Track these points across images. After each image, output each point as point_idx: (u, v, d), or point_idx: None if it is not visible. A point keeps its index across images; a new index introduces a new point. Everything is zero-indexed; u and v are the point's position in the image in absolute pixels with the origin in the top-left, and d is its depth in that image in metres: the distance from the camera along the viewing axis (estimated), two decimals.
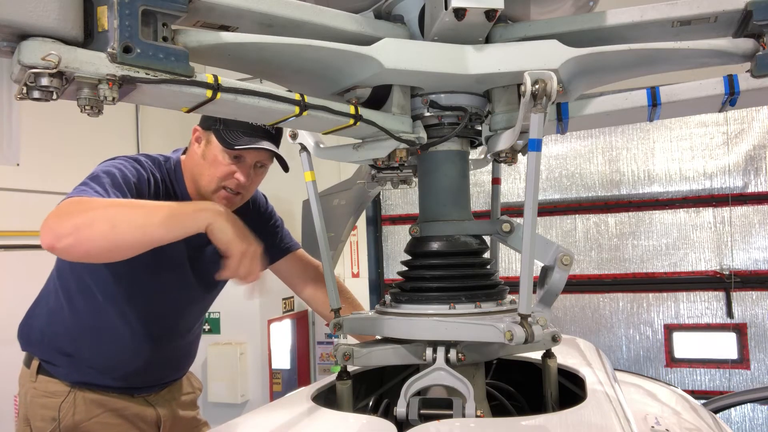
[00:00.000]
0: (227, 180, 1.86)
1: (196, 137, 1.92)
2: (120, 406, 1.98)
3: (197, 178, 1.91)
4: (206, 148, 1.88)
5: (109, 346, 1.93)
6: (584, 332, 5.05)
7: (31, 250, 4.48)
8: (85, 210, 1.49)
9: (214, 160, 1.86)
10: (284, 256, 2.21)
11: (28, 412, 1.97)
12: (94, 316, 1.91)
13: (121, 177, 1.70)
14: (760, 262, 4.73)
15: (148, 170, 1.83)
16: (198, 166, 1.90)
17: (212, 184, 1.87)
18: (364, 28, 1.25)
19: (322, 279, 2.21)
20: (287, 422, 1.25)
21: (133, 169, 1.78)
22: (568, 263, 1.29)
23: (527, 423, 1.27)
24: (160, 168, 1.91)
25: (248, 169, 1.88)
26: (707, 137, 4.86)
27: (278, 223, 2.24)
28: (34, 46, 0.86)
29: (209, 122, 1.86)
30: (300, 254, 2.25)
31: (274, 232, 2.21)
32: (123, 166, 1.76)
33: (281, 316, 5.54)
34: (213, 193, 1.88)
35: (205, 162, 1.88)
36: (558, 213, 5.22)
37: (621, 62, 1.27)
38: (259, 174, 1.94)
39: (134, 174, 1.76)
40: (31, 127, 4.81)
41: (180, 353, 2.15)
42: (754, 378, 4.70)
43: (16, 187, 4.68)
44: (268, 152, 1.87)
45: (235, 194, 1.89)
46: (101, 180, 1.66)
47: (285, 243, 2.23)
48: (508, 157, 1.30)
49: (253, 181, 1.93)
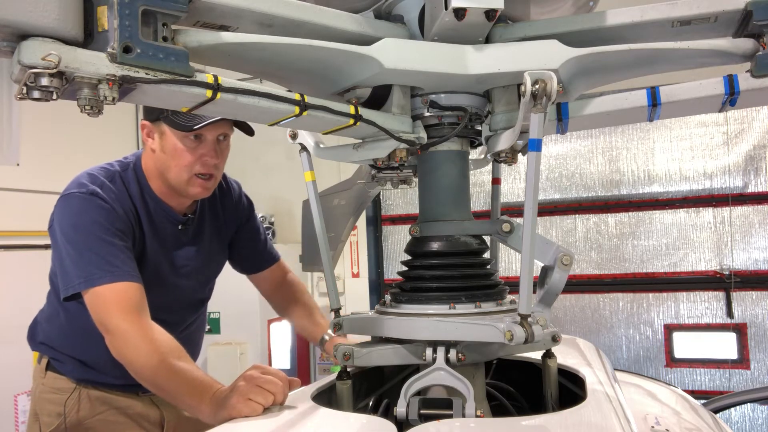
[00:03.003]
0: (196, 165, 1.79)
1: (147, 132, 1.84)
2: (124, 405, 1.98)
3: (164, 173, 1.83)
4: (162, 141, 1.80)
5: (104, 346, 1.92)
6: (584, 332, 5.05)
7: (31, 250, 4.49)
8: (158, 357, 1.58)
9: (174, 149, 1.78)
10: (265, 269, 2.21)
11: (37, 407, 1.99)
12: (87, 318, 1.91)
13: (103, 232, 1.68)
14: (760, 262, 4.73)
15: (109, 201, 1.74)
16: (160, 161, 1.82)
17: (183, 175, 1.80)
18: (364, 28, 1.25)
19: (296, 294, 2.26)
20: (287, 422, 1.25)
21: (100, 210, 1.71)
22: (568, 263, 1.29)
23: (527, 423, 1.27)
24: (122, 180, 1.83)
25: (212, 147, 1.80)
26: (707, 137, 4.86)
27: (262, 233, 2.22)
28: (34, 46, 0.86)
29: (155, 113, 1.78)
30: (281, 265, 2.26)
31: (259, 243, 2.20)
32: (95, 214, 1.70)
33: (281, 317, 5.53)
34: (187, 184, 1.81)
35: (166, 155, 1.80)
36: (558, 213, 5.22)
37: (621, 62, 1.27)
38: (223, 148, 1.86)
39: (106, 217, 1.71)
40: (31, 127, 4.81)
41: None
42: (754, 378, 4.70)
43: (16, 187, 4.68)
44: (227, 122, 1.79)
45: (207, 178, 1.82)
46: (105, 255, 1.64)
47: (268, 255, 2.23)
48: (508, 157, 1.30)
49: (224, 156, 1.85)
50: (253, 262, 2.21)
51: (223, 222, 2.10)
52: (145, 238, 1.86)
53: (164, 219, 1.91)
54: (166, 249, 1.93)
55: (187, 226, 1.98)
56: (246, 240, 2.17)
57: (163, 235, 1.92)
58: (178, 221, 1.94)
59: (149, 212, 1.87)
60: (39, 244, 4.28)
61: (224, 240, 2.13)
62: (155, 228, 1.89)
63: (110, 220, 1.72)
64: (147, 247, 1.87)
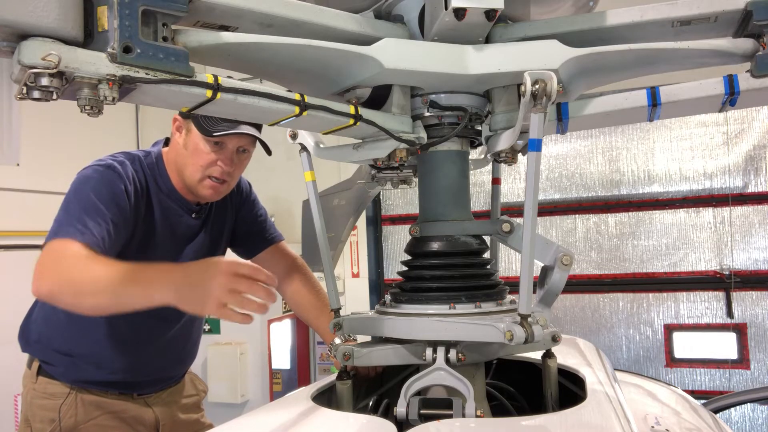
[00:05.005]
0: (210, 168, 1.84)
1: (177, 126, 1.90)
2: (119, 409, 1.97)
3: (181, 168, 1.89)
4: (187, 137, 1.86)
5: (104, 340, 1.92)
6: (584, 332, 5.04)
7: (31, 250, 4.47)
8: (59, 274, 1.54)
9: (195, 148, 1.84)
10: (267, 247, 2.20)
11: (28, 413, 1.97)
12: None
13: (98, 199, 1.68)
14: (760, 262, 4.73)
15: (125, 176, 1.78)
16: (181, 157, 1.88)
17: (196, 174, 1.85)
18: (364, 28, 1.25)
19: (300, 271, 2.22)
20: (287, 422, 1.25)
21: (108, 183, 1.74)
22: (568, 263, 1.29)
23: (527, 423, 1.27)
24: (141, 165, 1.88)
25: (230, 156, 1.85)
26: (707, 137, 4.86)
27: (262, 212, 2.23)
28: (34, 46, 0.86)
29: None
30: (282, 246, 2.25)
31: (258, 222, 2.21)
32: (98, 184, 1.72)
33: (281, 316, 5.54)
34: (198, 183, 1.87)
35: (187, 152, 1.86)
36: (558, 213, 5.22)
37: (621, 62, 1.27)
38: (242, 159, 1.91)
39: (109, 189, 1.73)
40: (31, 127, 4.81)
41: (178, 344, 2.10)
42: (754, 378, 4.70)
43: (16, 187, 4.68)
44: (249, 137, 1.84)
45: (220, 182, 1.88)
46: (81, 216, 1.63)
47: (269, 234, 2.22)
48: (508, 157, 1.30)
49: (237, 167, 1.90)
50: (252, 243, 2.21)
51: (229, 209, 2.13)
52: (155, 221, 1.88)
53: (177, 206, 1.94)
54: (175, 236, 1.94)
55: (200, 215, 2.00)
56: (243, 221, 2.18)
57: (175, 222, 1.94)
58: (191, 210, 1.97)
59: (162, 198, 1.91)
60: (39, 244, 4.26)
61: (230, 228, 2.15)
62: (167, 213, 1.91)
63: (112, 190, 1.74)
64: (157, 231, 1.89)
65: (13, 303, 2.59)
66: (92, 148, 5.08)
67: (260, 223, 2.22)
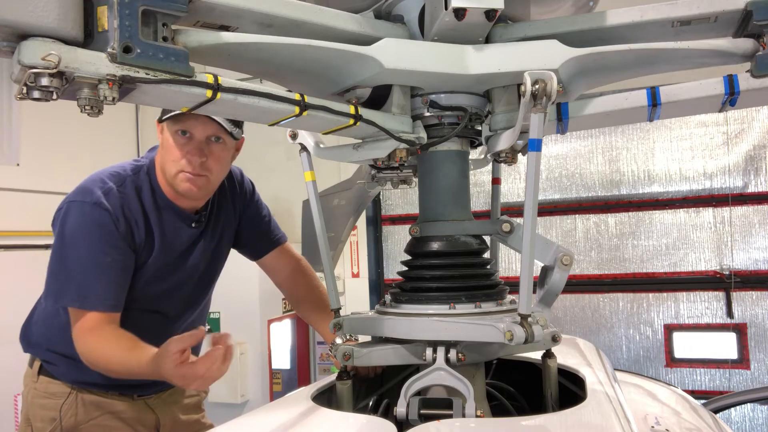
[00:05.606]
0: (182, 161, 1.82)
1: (159, 129, 1.90)
2: (119, 409, 1.97)
3: (162, 168, 1.88)
4: (162, 137, 1.87)
5: None
6: (584, 332, 5.04)
7: (31, 250, 4.49)
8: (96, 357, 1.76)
9: (167, 144, 1.84)
10: (273, 249, 2.21)
11: (29, 412, 1.97)
12: None
13: (95, 250, 1.76)
14: (760, 262, 4.73)
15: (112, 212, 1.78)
16: (160, 156, 1.89)
17: (172, 170, 1.84)
18: (364, 28, 1.25)
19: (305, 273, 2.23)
20: (287, 422, 1.25)
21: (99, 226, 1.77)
22: (568, 263, 1.29)
23: (527, 423, 1.27)
24: (133, 185, 1.87)
25: (199, 146, 1.82)
26: (707, 137, 4.86)
27: (266, 212, 2.23)
28: (34, 46, 0.86)
29: (166, 112, 1.84)
30: (287, 248, 2.25)
31: (264, 223, 2.20)
32: (90, 232, 1.76)
33: (281, 316, 5.54)
34: (174, 178, 1.85)
35: (164, 150, 1.87)
36: (558, 213, 5.22)
37: (621, 62, 1.27)
38: (217, 150, 1.86)
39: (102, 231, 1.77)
40: (31, 127, 4.81)
41: None
42: (754, 378, 4.70)
43: (16, 187, 4.68)
44: (215, 124, 1.80)
45: (195, 176, 1.83)
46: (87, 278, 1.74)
47: (274, 235, 2.22)
48: (508, 157, 1.30)
49: (211, 158, 1.85)
50: (259, 244, 2.20)
51: (232, 211, 2.12)
52: (154, 242, 1.88)
53: (176, 220, 1.93)
54: (175, 250, 1.94)
55: (201, 223, 1.99)
56: (249, 222, 2.17)
57: (175, 237, 1.93)
58: (191, 220, 1.96)
59: (161, 216, 1.90)
60: (39, 244, 4.28)
61: (233, 230, 2.14)
62: (166, 231, 1.90)
63: (105, 236, 1.77)
64: (155, 250, 1.89)
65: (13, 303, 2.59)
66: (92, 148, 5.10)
67: (266, 224, 2.21)
